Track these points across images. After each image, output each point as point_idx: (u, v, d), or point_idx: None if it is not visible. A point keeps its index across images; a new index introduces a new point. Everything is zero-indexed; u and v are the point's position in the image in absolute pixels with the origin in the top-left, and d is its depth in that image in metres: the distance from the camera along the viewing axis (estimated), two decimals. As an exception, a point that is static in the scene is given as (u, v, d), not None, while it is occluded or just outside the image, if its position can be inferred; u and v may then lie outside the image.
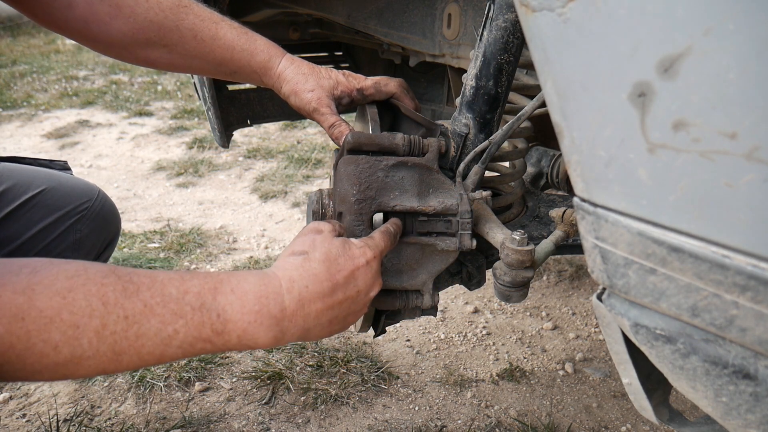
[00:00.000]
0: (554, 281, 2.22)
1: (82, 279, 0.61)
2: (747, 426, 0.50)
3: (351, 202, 0.84)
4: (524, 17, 0.53)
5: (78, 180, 1.22)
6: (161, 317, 0.62)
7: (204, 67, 1.01)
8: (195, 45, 0.96)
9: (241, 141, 3.85)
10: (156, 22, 0.93)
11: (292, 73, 0.97)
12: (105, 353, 0.60)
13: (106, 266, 0.64)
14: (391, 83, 0.99)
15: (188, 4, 0.96)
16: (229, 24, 0.98)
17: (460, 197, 0.86)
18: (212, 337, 0.65)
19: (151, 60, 0.99)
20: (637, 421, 1.53)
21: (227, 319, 0.65)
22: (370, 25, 1.57)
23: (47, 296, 0.58)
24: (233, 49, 0.97)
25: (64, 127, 4.23)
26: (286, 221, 2.74)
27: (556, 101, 0.53)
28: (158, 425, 1.48)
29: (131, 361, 0.62)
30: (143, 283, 0.63)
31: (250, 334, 0.66)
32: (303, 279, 0.70)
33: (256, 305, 0.67)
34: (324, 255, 0.73)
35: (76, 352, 0.59)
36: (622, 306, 0.55)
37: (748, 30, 0.40)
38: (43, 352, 0.58)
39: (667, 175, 0.47)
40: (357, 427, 1.49)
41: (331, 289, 0.72)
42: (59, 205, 1.13)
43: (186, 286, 0.65)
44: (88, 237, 1.17)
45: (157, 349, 0.62)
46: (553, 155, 1.31)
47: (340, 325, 0.76)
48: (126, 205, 2.93)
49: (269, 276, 0.70)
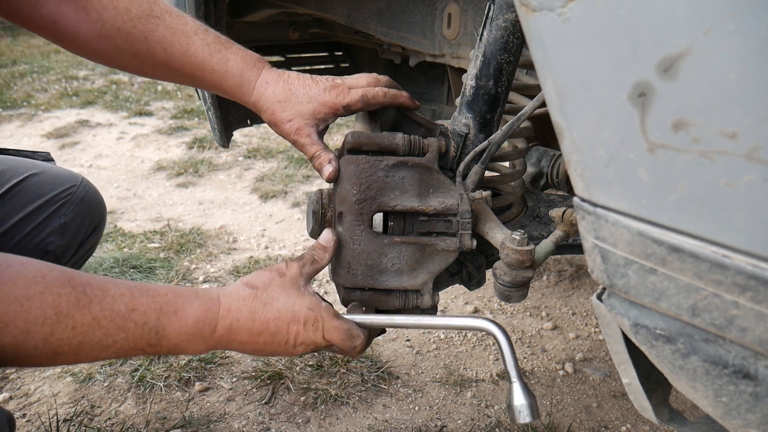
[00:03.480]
0: (554, 281, 2.22)
1: (40, 287, 0.65)
2: (747, 426, 0.50)
3: (351, 202, 0.84)
4: (524, 17, 0.53)
5: (61, 168, 1.23)
6: (105, 330, 0.69)
7: (177, 79, 0.97)
8: (165, 58, 0.91)
9: (241, 141, 3.85)
10: (124, 31, 0.89)
11: (267, 102, 0.91)
12: (46, 354, 0.66)
13: (64, 273, 0.69)
14: (379, 94, 0.91)
15: (159, 14, 0.90)
16: (203, 39, 0.91)
17: (461, 197, 0.86)
18: (146, 347, 0.73)
19: (123, 65, 0.95)
20: (637, 421, 1.53)
21: (163, 336, 0.73)
22: (370, 25, 1.57)
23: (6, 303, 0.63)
24: (203, 68, 0.91)
25: (64, 127, 4.23)
26: (286, 221, 2.74)
27: (556, 101, 0.53)
28: (158, 425, 1.48)
29: (66, 361, 0.69)
30: (95, 296, 0.69)
31: (180, 348, 0.75)
32: (238, 312, 0.78)
33: (193, 328, 0.75)
34: (269, 298, 0.79)
35: (20, 352, 0.64)
36: (622, 306, 0.55)
37: (748, 30, 0.40)
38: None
39: (667, 175, 0.47)
40: (357, 427, 1.49)
41: (259, 330, 0.78)
42: (43, 191, 1.14)
43: (134, 303, 0.71)
44: (73, 221, 1.18)
45: (92, 353, 0.69)
46: (553, 155, 1.31)
47: (265, 355, 0.83)
48: (126, 205, 2.93)
49: (213, 301, 0.78)
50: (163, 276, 2.18)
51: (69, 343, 0.67)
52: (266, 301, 0.79)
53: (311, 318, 0.80)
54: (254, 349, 0.80)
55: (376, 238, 0.85)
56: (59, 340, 0.66)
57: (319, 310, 0.81)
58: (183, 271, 2.22)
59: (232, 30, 1.78)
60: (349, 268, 0.86)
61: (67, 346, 0.67)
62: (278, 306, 0.79)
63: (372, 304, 0.89)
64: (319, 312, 0.80)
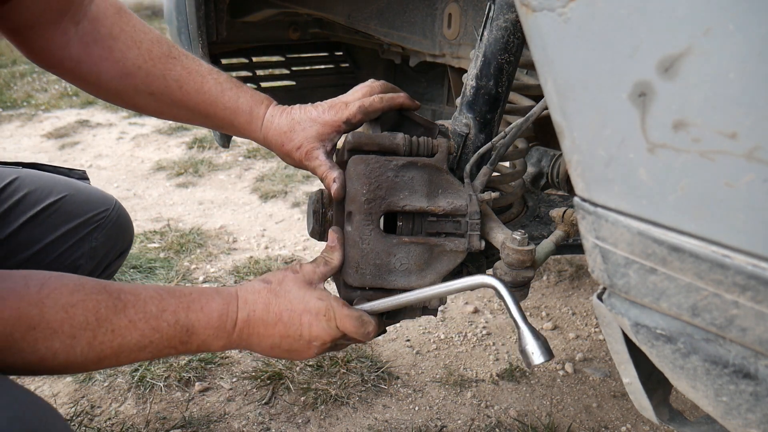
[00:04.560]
0: (554, 281, 2.22)
1: (81, 295, 0.71)
2: (747, 425, 0.50)
3: (361, 202, 0.84)
4: (524, 17, 0.53)
5: (95, 189, 1.24)
6: (142, 332, 0.74)
7: (191, 119, 1.01)
8: (180, 96, 0.96)
9: (241, 141, 3.84)
10: (144, 69, 0.94)
11: (275, 136, 0.95)
12: (91, 359, 0.72)
13: (98, 282, 0.75)
14: (375, 102, 0.91)
15: (177, 56, 0.96)
16: (215, 78, 0.96)
17: (469, 198, 0.86)
18: (178, 345, 0.77)
19: (139, 106, 1.00)
20: (637, 421, 1.53)
21: (193, 333, 0.78)
22: (370, 25, 1.58)
23: (55, 310, 0.68)
24: (216, 105, 0.96)
25: (64, 127, 4.23)
26: (286, 221, 2.74)
27: (557, 101, 0.53)
28: (158, 425, 1.48)
29: (109, 364, 0.75)
30: (129, 301, 0.74)
31: (207, 344, 0.80)
32: (254, 303, 0.82)
33: (217, 321, 0.79)
34: (282, 291, 0.83)
35: (70, 358, 0.70)
36: (623, 306, 0.56)
37: (748, 30, 0.41)
38: (44, 357, 0.68)
39: (667, 174, 0.47)
40: (357, 427, 1.49)
41: (273, 321, 0.82)
42: (78, 213, 1.15)
43: (164, 304, 0.76)
44: (103, 246, 1.19)
45: (131, 355, 0.75)
46: (553, 155, 1.31)
47: (283, 355, 0.86)
48: (126, 205, 2.90)
49: (232, 296, 0.82)
50: (163, 276, 2.18)
51: (110, 346, 0.72)
52: (279, 294, 0.83)
53: (322, 308, 0.82)
54: (272, 344, 0.83)
55: (385, 238, 0.85)
56: (101, 344, 0.71)
57: (329, 300, 0.83)
58: (183, 271, 2.22)
59: (232, 30, 1.78)
60: (357, 267, 0.86)
61: (108, 349, 0.72)
62: (290, 297, 0.82)
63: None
64: (329, 302, 0.83)
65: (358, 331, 0.82)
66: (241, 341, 0.82)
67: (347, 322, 0.82)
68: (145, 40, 0.95)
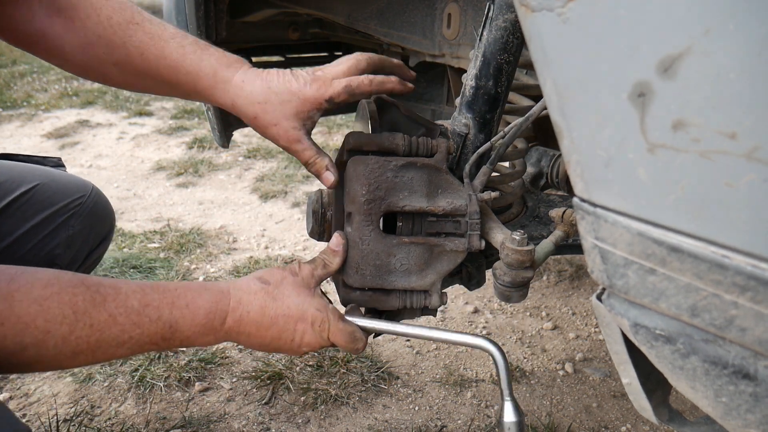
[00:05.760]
0: (554, 281, 2.22)
1: (56, 288, 0.67)
2: (747, 426, 0.50)
3: (360, 203, 0.84)
4: (524, 17, 0.53)
5: (71, 176, 1.21)
6: (122, 326, 0.71)
7: (159, 89, 0.94)
8: (142, 64, 0.89)
9: (241, 141, 3.85)
10: (104, 38, 0.88)
11: (246, 104, 0.86)
12: (65, 354, 0.68)
13: (76, 276, 0.71)
14: (364, 84, 0.86)
15: (140, 21, 0.89)
16: (179, 42, 0.88)
17: (469, 198, 0.86)
18: (159, 341, 0.75)
19: (107, 78, 0.94)
20: (637, 421, 1.53)
21: (177, 329, 0.75)
22: (370, 25, 1.57)
23: (26, 304, 0.64)
24: (178, 71, 0.88)
25: (64, 127, 4.23)
26: (286, 221, 2.74)
27: (556, 101, 0.53)
28: (158, 425, 1.48)
29: (84, 360, 0.71)
30: (109, 294, 0.71)
31: (191, 341, 0.77)
32: (249, 305, 0.80)
33: (204, 319, 0.77)
34: (280, 295, 0.81)
35: (41, 352, 0.66)
36: (622, 306, 0.55)
37: (748, 30, 0.40)
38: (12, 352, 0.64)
39: (666, 175, 0.47)
40: (357, 427, 1.49)
41: (267, 325, 0.80)
42: (52, 201, 1.12)
43: (147, 299, 0.73)
44: (80, 233, 1.16)
45: (109, 351, 0.71)
46: (553, 155, 1.31)
47: (267, 351, 0.85)
48: (126, 205, 2.93)
49: (223, 293, 0.79)
50: (163, 276, 2.18)
51: (87, 341, 0.69)
52: (277, 297, 0.81)
53: (318, 319, 0.82)
54: (260, 343, 0.82)
55: (385, 239, 0.85)
56: (78, 338, 0.68)
57: (326, 311, 0.83)
58: (183, 271, 2.22)
59: (232, 30, 1.78)
60: (357, 268, 0.86)
61: (85, 344, 0.69)
62: (288, 303, 0.81)
63: (371, 304, 0.89)
64: (326, 314, 0.82)
65: (348, 346, 0.83)
66: (228, 338, 0.81)
67: (339, 337, 0.82)
68: (105, 7, 0.88)
